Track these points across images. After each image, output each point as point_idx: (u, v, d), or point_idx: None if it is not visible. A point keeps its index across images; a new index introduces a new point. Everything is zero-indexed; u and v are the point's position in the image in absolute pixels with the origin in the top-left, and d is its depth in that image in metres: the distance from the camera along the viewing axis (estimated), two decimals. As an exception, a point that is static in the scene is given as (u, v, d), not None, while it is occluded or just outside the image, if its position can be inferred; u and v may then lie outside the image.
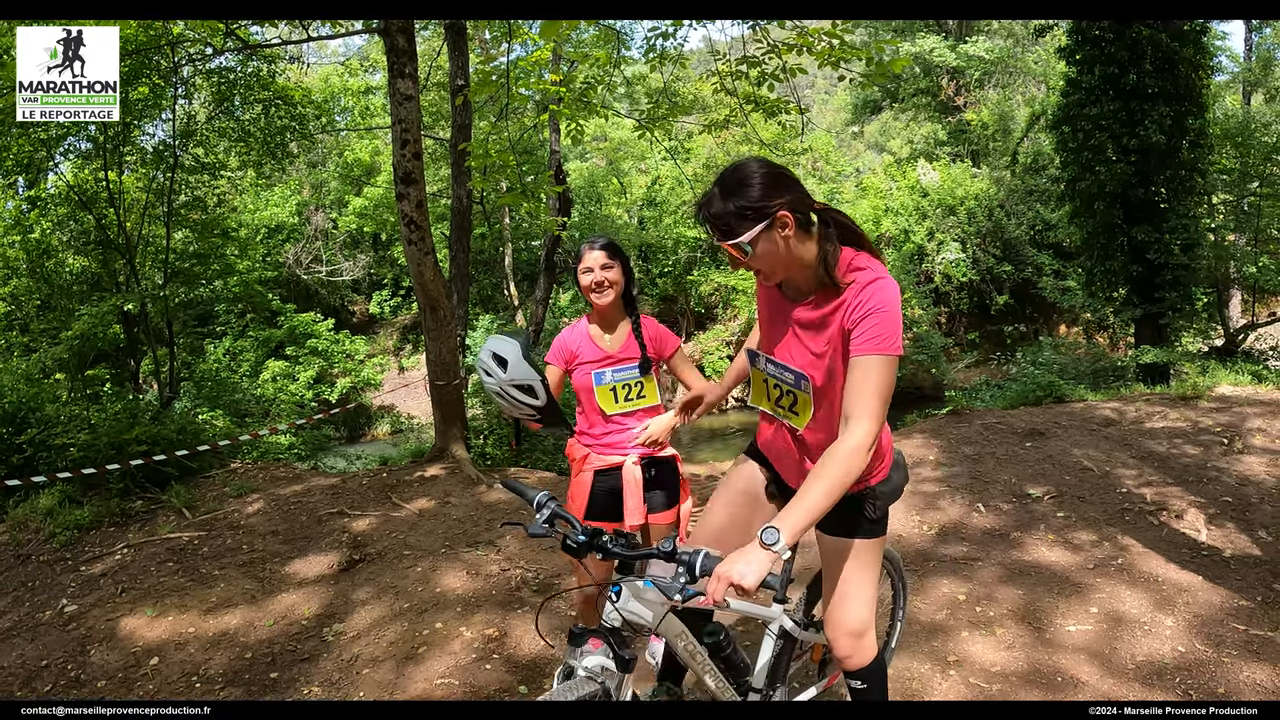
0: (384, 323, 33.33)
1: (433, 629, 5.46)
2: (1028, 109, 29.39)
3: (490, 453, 10.98)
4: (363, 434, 26.65)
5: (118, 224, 14.07)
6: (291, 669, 5.18)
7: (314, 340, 27.64)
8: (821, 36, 8.38)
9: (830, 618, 3.05)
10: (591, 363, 4.15)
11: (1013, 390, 11.38)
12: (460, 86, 10.02)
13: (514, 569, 6.32)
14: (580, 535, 2.67)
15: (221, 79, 13.85)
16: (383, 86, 30.03)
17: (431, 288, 9.53)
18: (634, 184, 33.46)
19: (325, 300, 31.73)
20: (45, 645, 5.82)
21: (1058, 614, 4.98)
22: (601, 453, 4.20)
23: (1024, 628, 4.85)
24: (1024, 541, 6.08)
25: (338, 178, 32.11)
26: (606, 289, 4.05)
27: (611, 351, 4.18)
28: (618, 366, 4.16)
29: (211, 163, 15.61)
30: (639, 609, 2.74)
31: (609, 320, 4.21)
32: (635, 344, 4.20)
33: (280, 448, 14.62)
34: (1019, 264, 26.69)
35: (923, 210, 27.64)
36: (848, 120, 39.47)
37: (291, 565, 6.92)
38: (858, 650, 3.02)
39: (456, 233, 11.20)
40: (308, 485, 9.28)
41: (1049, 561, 5.72)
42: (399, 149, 9.17)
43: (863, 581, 2.98)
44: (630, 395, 4.20)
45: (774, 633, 3.44)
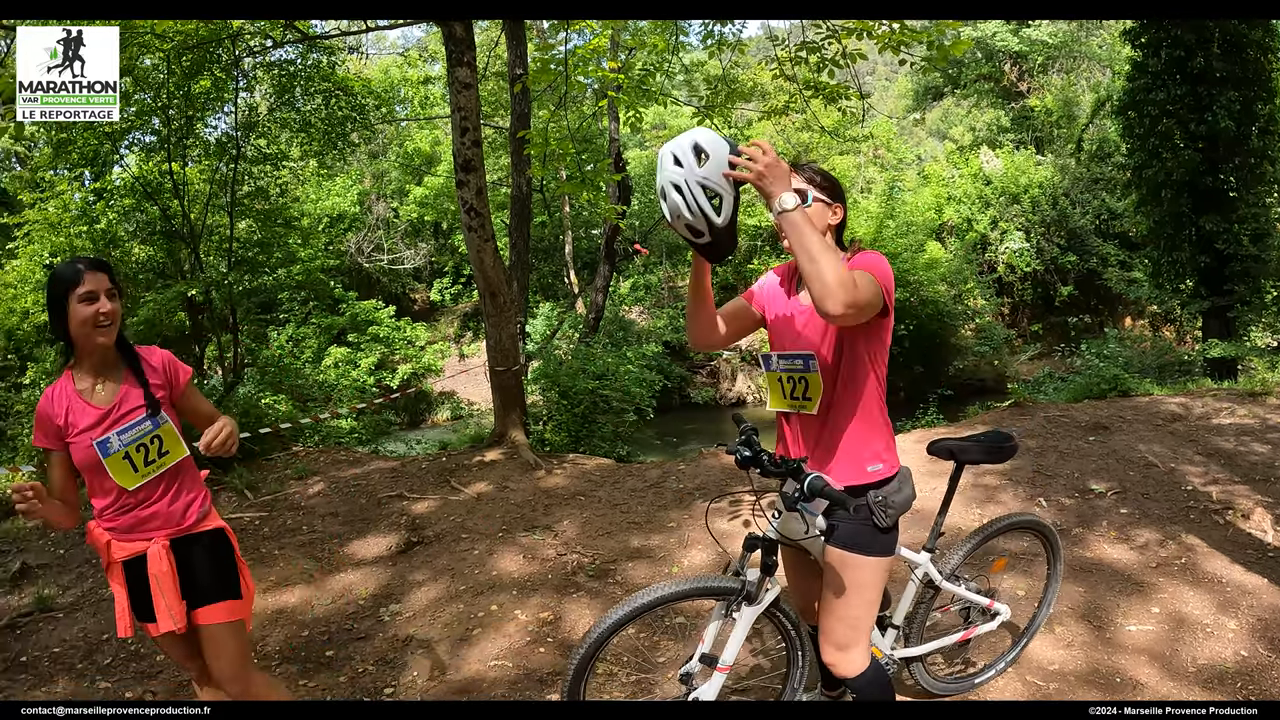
0: (445, 310, 33.70)
1: (488, 611, 5.52)
2: (1092, 94, 28.88)
3: (549, 438, 11.04)
4: (423, 419, 26.98)
5: (182, 214, 14.29)
6: (347, 647, 5.26)
7: (375, 327, 28.05)
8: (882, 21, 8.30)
9: (820, 625, 3.21)
10: (89, 429, 3.21)
11: (1077, 383, 11.20)
12: (519, 75, 10.06)
13: (570, 554, 6.36)
14: (746, 452, 3.14)
15: (282, 71, 14.03)
16: (441, 77, 30.28)
17: (491, 274, 9.59)
18: (695, 172, 33.33)
19: (386, 288, 32.20)
20: (107, 620, 5.95)
21: (1118, 613, 4.91)
22: (122, 540, 3.30)
23: (1084, 626, 4.79)
24: (1086, 538, 6.00)
25: (398, 167, 32.50)
26: (113, 322, 3.20)
27: (106, 407, 3.24)
28: (122, 427, 3.23)
29: (274, 153, 15.82)
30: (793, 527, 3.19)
31: (104, 366, 3.30)
32: (136, 388, 3.30)
33: (341, 432, 14.81)
34: (1084, 254, 26.31)
35: (986, 199, 27.34)
36: (909, 107, 39.00)
37: (350, 546, 7.02)
38: (842, 662, 3.17)
39: (516, 220, 11.28)
40: (368, 469, 9.39)
41: (1111, 559, 5.63)
42: (459, 137, 9.23)
43: (855, 602, 3.09)
44: (149, 457, 3.28)
45: (918, 579, 3.75)
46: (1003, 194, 27.11)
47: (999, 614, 4.08)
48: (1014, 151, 28.72)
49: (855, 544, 3.02)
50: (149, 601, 3.27)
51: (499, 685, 4.63)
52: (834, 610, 3.12)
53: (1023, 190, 26.81)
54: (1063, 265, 26.42)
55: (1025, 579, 5.23)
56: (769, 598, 3.24)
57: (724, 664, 3.23)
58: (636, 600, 3.17)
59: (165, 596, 3.25)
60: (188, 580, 3.33)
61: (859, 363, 2.98)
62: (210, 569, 3.38)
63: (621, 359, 13.03)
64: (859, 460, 3.03)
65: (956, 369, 22.39)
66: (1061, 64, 31.30)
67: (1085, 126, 28.14)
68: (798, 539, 3.20)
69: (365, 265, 31.43)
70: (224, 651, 3.36)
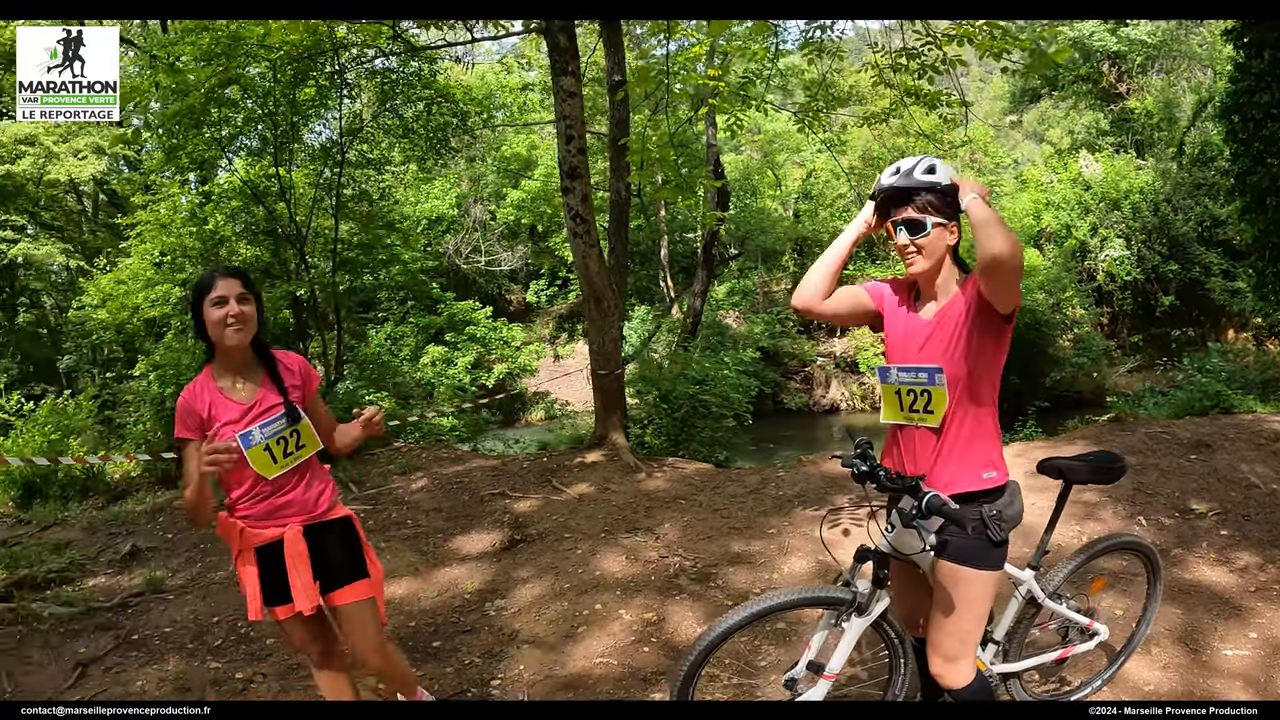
0: (540, 311, 34.12)
1: (592, 610, 5.68)
2: (1194, 96, 27.90)
3: (649, 441, 11.19)
4: (517, 418, 27.39)
5: (289, 216, 14.71)
6: (454, 639, 5.47)
7: (472, 327, 28.55)
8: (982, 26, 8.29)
9: (929, 638, 3.31)
10: (232, 422, 3.49)
11: (1178, 399, 10.98)
12: (618, 82, 10.21)
13: (672, 556, 6.51)
14: (863, 466, 3.23)
15: (384, 79, 14.37)
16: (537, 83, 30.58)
17: (596, 280, 9.78)
18: (789, 176, 33.31)
19: (483, 289, 32.73)
20: (216, 603, 6.31)
21: (1215, 636, 4.86)
22: (256, 527, 3.57)
23: (1180, 648, 4.76)
24: (1185, 559, 5.94)
25: (495, 171, 32.90)
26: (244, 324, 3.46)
27: (249, 402, 3.54)
28: (264, 421, 3.52)
29: (377, 158, 16.21)
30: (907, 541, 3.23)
31: (242, 366, 3.59)
32: (275, 390, 3.59)
33: (442, 429, 15.13)
34: (1186, 263, 25.61)
35: (1085, 204, 26.77)
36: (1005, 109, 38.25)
37: (454, 541, 7.28)
38: (949, 673, 3.26)
39: (615, 225, 11.44)
40: (469, 466, 9.65)
41: (1209, 581, 5.57)
42: (564, 144, 9.43)
43: (965, 616, 3.17)
44: (288, 450, 3.57)
45: (1021, 596, 3.78)
46: (1102, 200, 26.48)
47: (1097, 634, 4.10)
48: (1114, 155, 28.05)
49: (968, 558, 3.10)
50: (279, 586, 3.56)
51: (604, 682, 4.76)
52: (944, 623, 3.20)
53: (1123, 196, 26.16)
54: (1164, 274, 25.76)
55: (1123, 598, 5.21)
56: (879, 609, 3.32)
57: (830, 671, 3.33)
58: (751, 607, 3.28)
59: (301, 577, 3.52)
60: (321, 564, 3.60)
61: (983, 375, 3.08)
62: (342, 552, 3.68)
63: (719, 364, 13.13)
64: (974, 468, 3.11)
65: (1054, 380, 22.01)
66: (1161, 64, 30.46)
67: (1186, 129, 27.29)
68: (910, 554, 3.27)
69: (462, 266, 31.98)
70: (362, 627, 3.69)
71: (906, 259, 3.09)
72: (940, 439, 3.14)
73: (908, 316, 3.26)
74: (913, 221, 3.06)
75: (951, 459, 3.13)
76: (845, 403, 28.22)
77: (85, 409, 13.45)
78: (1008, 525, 3.13)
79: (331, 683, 3.85)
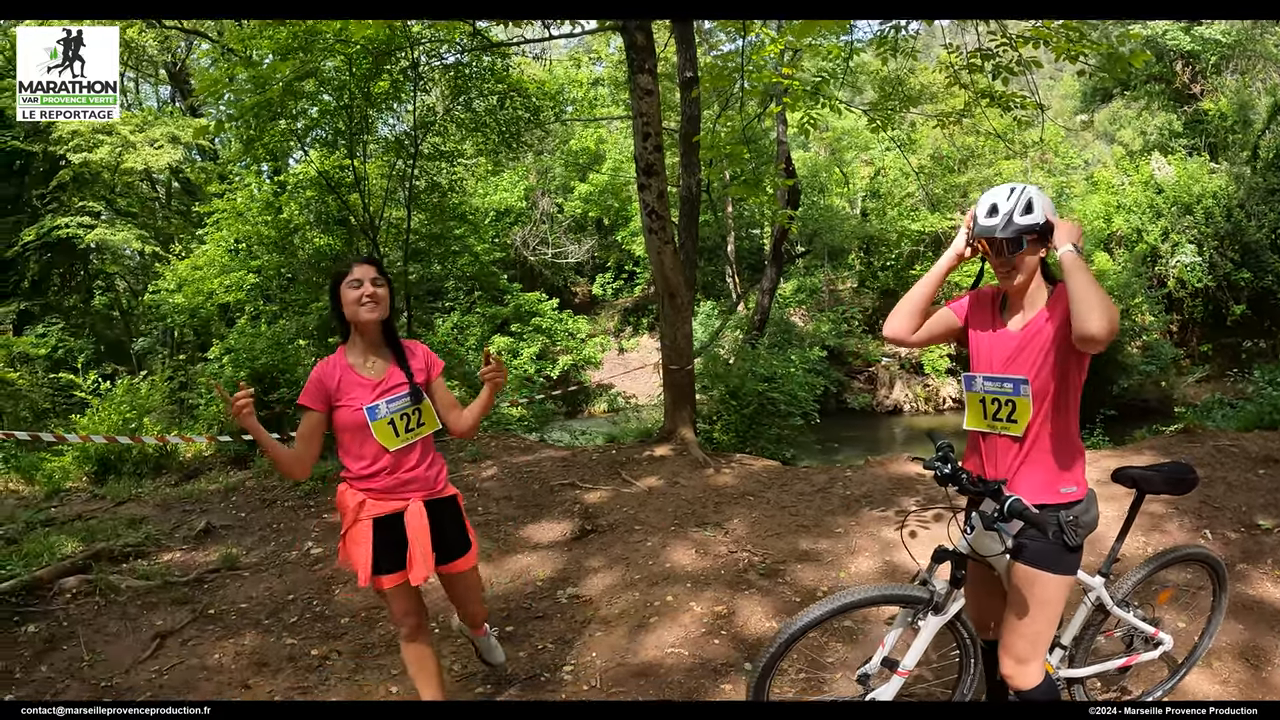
0: (605, 304, 34.25)
1: (663, 601, 5.80)
2: (1269, 98, 27.31)
3: (716, 437, 11.28)
4: (581, 410, 27.61)
5: (362, 206, 14.98)
6: (526, 625, 5.64)
7: (538, 319, 28.82)
8: (1058, 29, 8.25)
9: (1002, 640, 3.39)
10: (361, 396, 3.84)
11: (1248, 411, 10.83)
12: (690, 79, 10.28)
13: (741, 551, 6.62)
14: (945, 468, 3.29)
15: (457, 73, 14.59)
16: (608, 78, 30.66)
17: (671, 276, 9.88)
18: (857, 174, 33.15)
19: (549, 281, 32.96)
20: (291, 581, 6.54)
21: (1277, 654, 4.85)
22: (379, 499, 3.89)
23: (1241, 664, 4.76)
24: (1249, 574, 5.88)
25: (563, 164, 33.07)
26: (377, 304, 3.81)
27: (378, 379, 3.89)
28: (390, 398, 3.86)
29: (449, 150, 16.44)
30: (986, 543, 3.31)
31: (373, 346, 3.94)
32: (400, 370, 3.93)
33: (510, 419, 15.35)
34: (1259, 271, 24.97)
35: (1157, 208, 26.29)
36: (1076, 108, 37.58)
37: (526, 530, 7.44)
38: (1019, 675, 3.35)
39: (685, 220, 11.54)
40: (538, 456, 9.83)
41: (1273, 598, 5.53)
42: (640, 142, 9.54)
43: (1038, 618, 3.26)
44: (410, 425, 3.91)
45: (1089, 602, 3.83)
46: (1174, 203, 25.94)
47: (1161, 643, 4.14)
48: (1186, 158, 27.48)
49: (1043, 561, 3.18)
50: (394, 556, 3.87)
51: (676, 672, 4.87)
52: (1017, 625, 3.29)
53: (1195, 200, 25.58)
54: (1236, 282, 25.19)
55: (1187, 611, 5.21)
56: (954, 609, 3.40)
57: (904, 669, 3.43)
58: (832, 602, 3.39)
59: (421, 548, 3.84)
60: (438, 537, 3.94)
61: (1069, 389, 3.18)
62: (455, 528, 4.09)
63: (787, 362, 13.18)
64: (1055, 482, 3.20)
65: (1121, 388, 21.76)
66: (1236, 64, 29.76)
67: (1261, 132, 26.68)
68: (988, 556, 3.35)
69: (529, 258, 32.24)
70: (474, 590, 4.31)
71: (999, 272, 3.19)
72: (1023, 448, 3.23)
73: (995, 327, 3.35)
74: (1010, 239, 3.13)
75: (1034, 469, 3.22)
76: (909, 404, 28.03)
77: (160, 390, 13.85)
78: (1084, 531, 3.21)
79: (419, 655, 4.06)
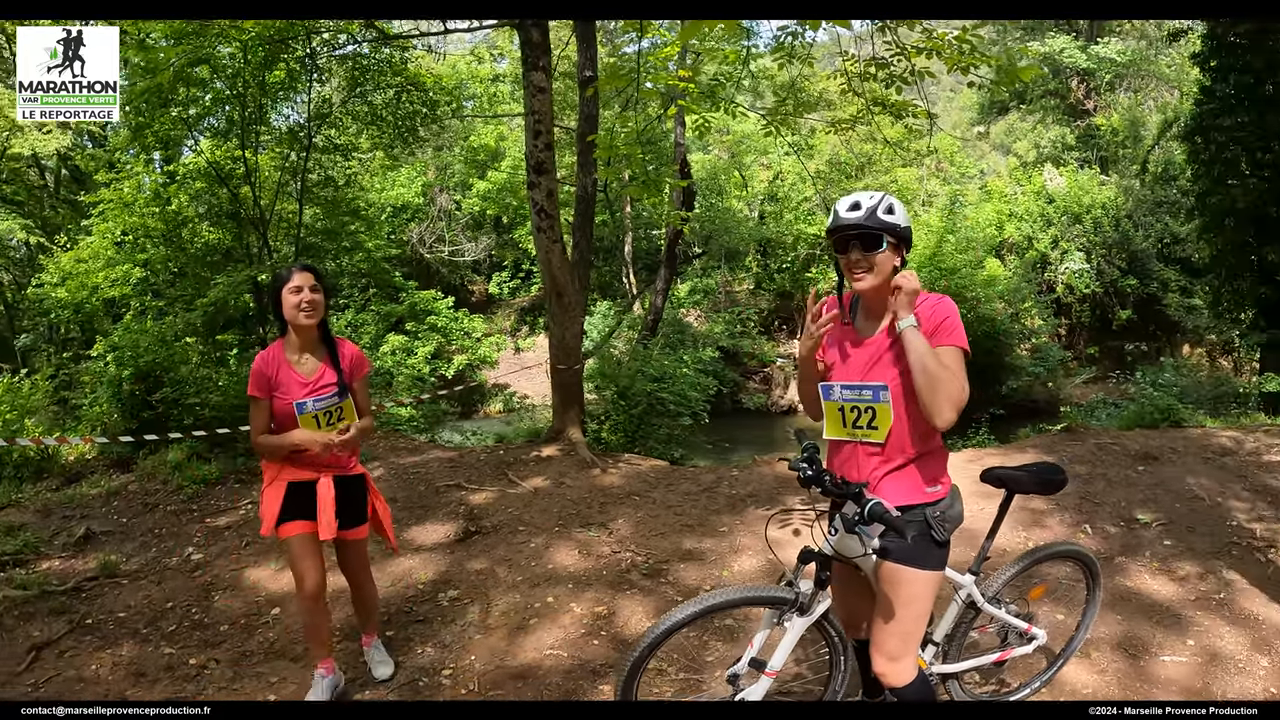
0: (502, 303, 34.02)
1: (544, 602, 5.73)
2: (1160, 116, 28.45)
3: (605, 437, 11.20)
4: (475, 410, 27.27)
5: (253, 199, 14.63)
6: (407, 629, 5.50)
7: (433, 317, 28.42)
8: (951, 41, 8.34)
9: (873, 638, 3.39)
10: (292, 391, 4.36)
11: (1130, 411, 11.15)
12: (589, 78, 10.22)
13: (624, 552, 6.57)
14: (809, 470, 3.30)
15: (355, 65, 14.30)
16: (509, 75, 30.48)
17: (559, 274, 9.81)
18: (755, 178, 33.44)
19: (446, 279, 32.60)
20: (171, 589, 6.30)
21: (1154, 644, 4.97)
22: (298, 468, 4.43)
23: (1119, 654, 4.87)
24: (1127, 567, 6.04)
25: (462, 161, 32.76)
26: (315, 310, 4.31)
27: (309, 379, 4.41)
28: (318, 396, 4.39)
29: (344, 144, 16.14)
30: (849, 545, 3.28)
31: (309, 345, 4.44)
32: (332, 370, 4.46)
33: (399, 419, 15.09)
34: (1144, 278, 25.94)
35: (1048, 217, 27.03)
36: (973, 120, 38.51)
37: (410, 532, 7.26)
38: (892, 672, 3.34)
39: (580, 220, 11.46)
40: (426, 457, 9.66)
41: (1150, 590, 5.68)
42: (531, 140, 9.45)
43: (907, 615, 3.26)
44: (331, 420, 4.44)
45: (961, 600, 3.88)
46: (1065, 213, 26.73)
47: (1035, 638, 4.21)
48: (1078, 170, 28.35)
49: (911, 558, 3.17)
50: (299, 511, 4.40)
51: (554, 674, 4.82)
52: (886, 623, 3.27)
53: (1085, 210, 26.43)
54: (1122, 288, 26.06)
55: (1064, 604, 5.30)
56: (820, 609, 3.40)
57: (772, 669, 3.40)
58: (694, 605, 3.36)
59: (325, 515, 4.38)
60: (341, 506, 4.46)
61: None
62: (358, 502, 4.64)
63: (679, 362, 13.17)
64: (919, 483, 3.20)
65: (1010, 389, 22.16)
66: (1129, 83, 30.86)
67: (1151, 148, 27.74)
68: (852, 557, 3.33)
69: (426, 256, 31.84)
70: (360, 556, 4.79)
71: (855, 275, 3.13)
72: (885, 453, 3.21)
73: (848, 335, 3.33)
74: (868, 236, 3.09)
75: (897, 474, 3.21)
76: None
77: (41, 389, 13.28)
78: (950, 526, 3.22)
79: (313, 607, 4.48)
